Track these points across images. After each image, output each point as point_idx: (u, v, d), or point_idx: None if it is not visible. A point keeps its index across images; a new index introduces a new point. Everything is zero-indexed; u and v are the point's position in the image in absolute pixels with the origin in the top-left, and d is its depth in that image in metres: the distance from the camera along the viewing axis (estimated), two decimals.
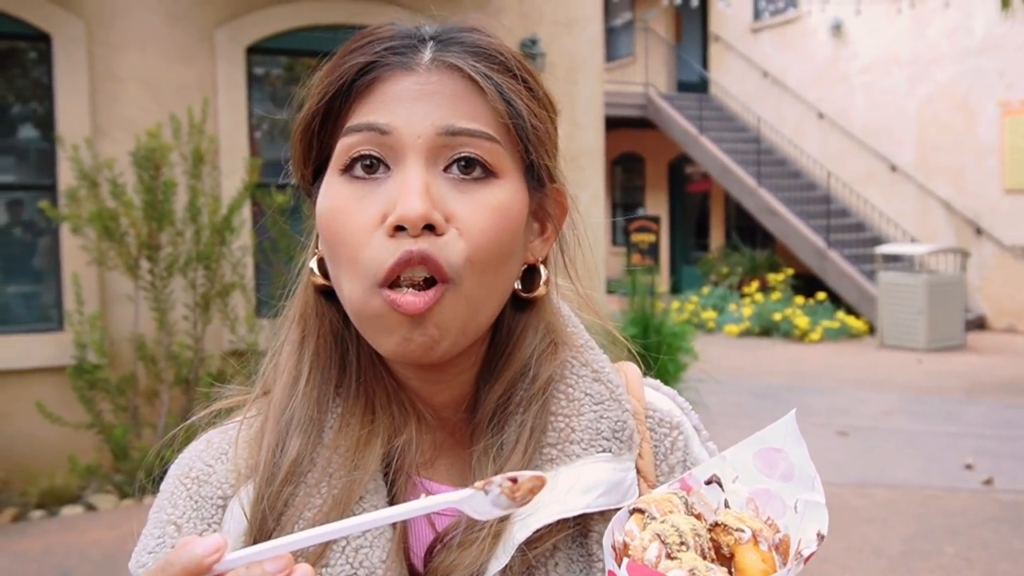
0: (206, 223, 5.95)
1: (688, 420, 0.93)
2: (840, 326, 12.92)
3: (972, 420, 7.97)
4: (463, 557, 0.77)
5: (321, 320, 0.85)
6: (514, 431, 0.82)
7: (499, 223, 0.77)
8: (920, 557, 4.82)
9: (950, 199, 13.69)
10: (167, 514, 0.83)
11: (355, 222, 0.75)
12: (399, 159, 0.76)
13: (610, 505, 0.80)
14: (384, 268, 0.74)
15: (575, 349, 0.88)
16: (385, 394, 0.83)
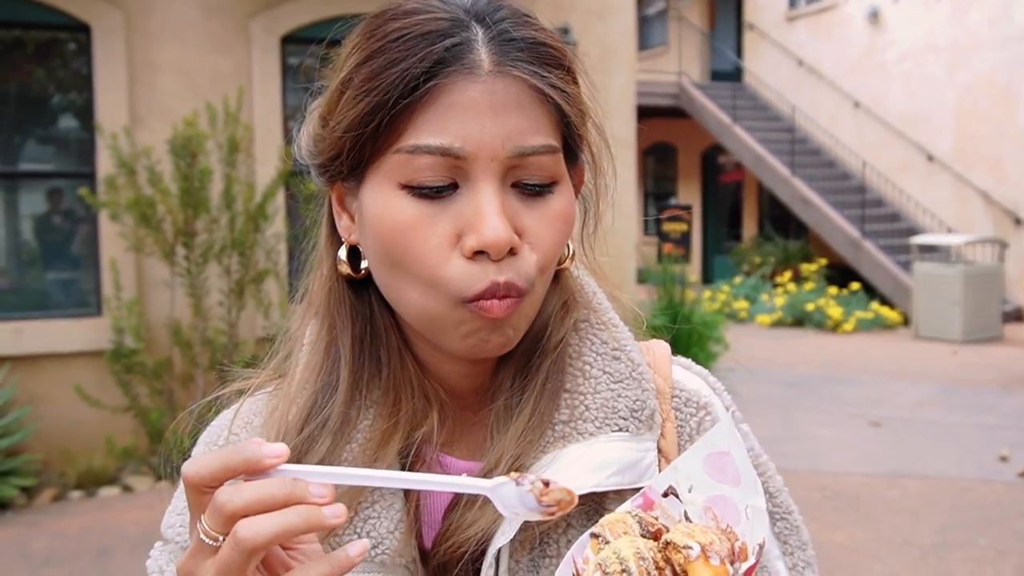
0: (241, 210, 6.02)
1: (719, 401, 0.92)
2: (874, 317, 12.79)
3: (1008, 412, 7.87)
4: (474, 518, 0.79)
5: (351, 315, 0.85)
6: (524, 397, 0.83)
7: (563, 230, 0.79)
8: (952, 548, 4.79)
9: (988, 189, 13.48)
10: None
11: (429, 242, 0.75)
12: (470, 178, 0.74)
13: (624, 485, 0.80)
14: (471, 292, 0.75)
15: (596, 323, 0.88)
16: (410, 387, 0.84)
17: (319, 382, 0.84)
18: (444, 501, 0.83)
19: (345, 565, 0.63)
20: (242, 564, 0.61)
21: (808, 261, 15.24)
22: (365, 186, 0.78)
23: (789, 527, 0.91)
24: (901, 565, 4.58)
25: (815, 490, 5.69)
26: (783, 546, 0.90)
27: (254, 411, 0.89)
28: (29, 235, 6.73)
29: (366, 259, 0.83)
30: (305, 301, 0.91)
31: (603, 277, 0.94)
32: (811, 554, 0.92)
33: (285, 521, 0.61)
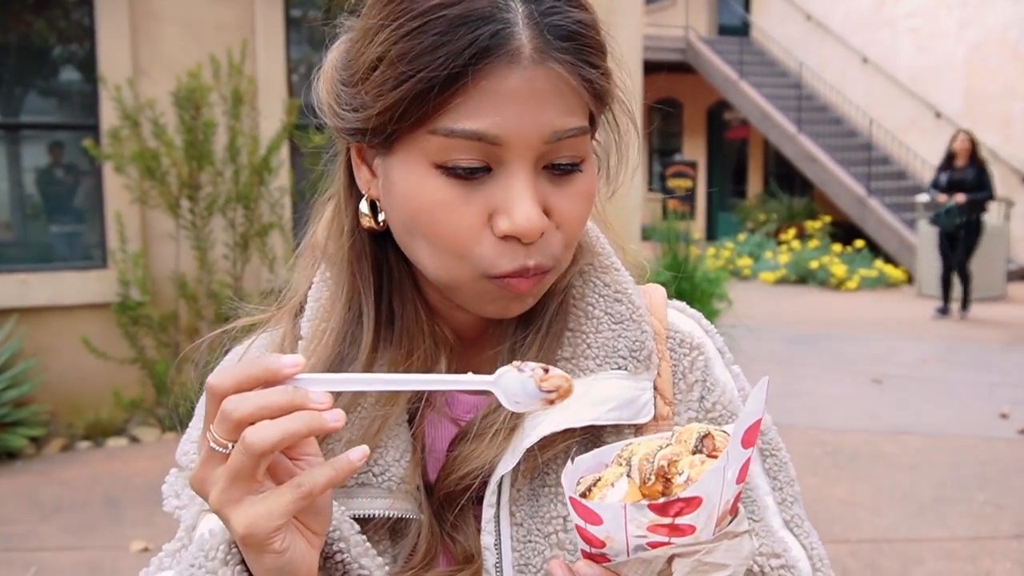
0: (245, 163, 6.00)
1: (711, 342, 0.96)
2: (878, 275, 12.79)
3: (1009, 370, 7.91)
4: (477, 448, 0.82)
5: (373, 267, 0.87)
6: (528, 335, 0.87)
7: (588, 207, 0.82)
8: (950, 503, 4.84)
9: (996, 148, 13.38)
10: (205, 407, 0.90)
11: (461, 221, 0.76)
12: (504, 163, 0.76)
13: (622, 420, 0.84)
14: (499, 271, 0.78)
15: (599, 267, 0.91)
16: (422, 333, 0.87)
17: (342, 335, 0.86)
18: (448, 435, 0.86)
19: (347, 468, 0.67)
20: (251, 468, 0.64)
21: (813, 218, 15.21)
22: (394, 158, 0.79)
23: (778, 463, 0.95)
24: (900, 519, 4.63)
25: (816, 446, 5.74)
26: (772, 481, 0.94)
27: (267, 344, 0.92)
28: (32, 188, 6.72)
29: (384, 215, 0.84)
30: (309, 248, 0.93)
31: (609, 227, 0.97)
32: (798, 490, 0.97)
33: (289, 425, 0.64)
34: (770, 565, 0.89)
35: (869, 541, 4.38)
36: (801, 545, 0.93)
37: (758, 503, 0.92)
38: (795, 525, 0.94)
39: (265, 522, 0.65)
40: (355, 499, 0.81)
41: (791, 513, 0.94)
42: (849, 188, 13.97)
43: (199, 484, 0.68)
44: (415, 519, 0.82)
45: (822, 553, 0.94)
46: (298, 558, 0.68)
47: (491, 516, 0.82)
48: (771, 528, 0.92)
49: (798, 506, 0.95)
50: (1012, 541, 4.39)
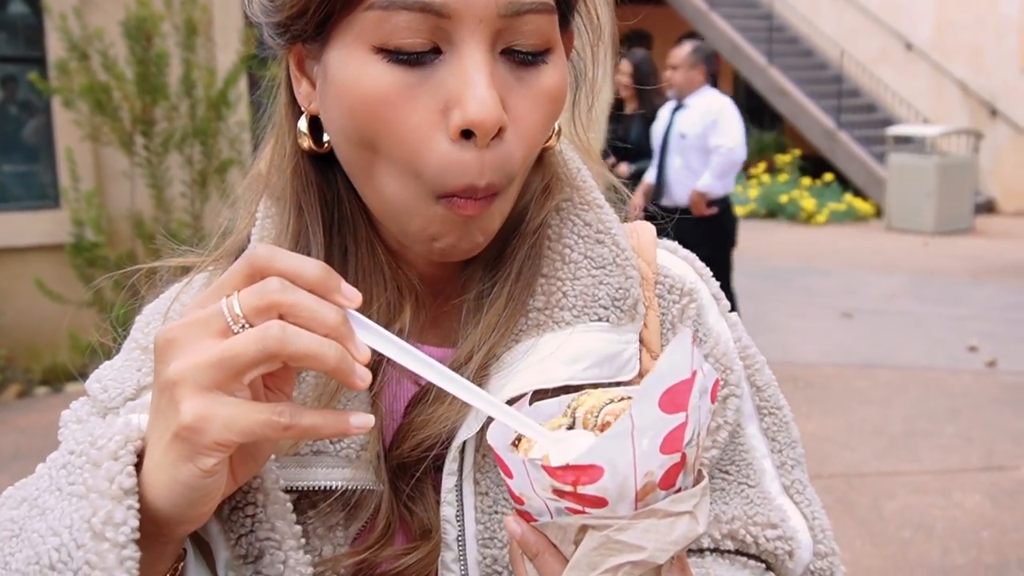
0: (201, 97, 5.79)
1: (706, 287, 0.85)
2: (847, 208, 12.79)
3: (977, 303, 7.95)
4: (436, 412, 0.72)
5: (319, 198, 0.76)
6: (496, 283, 0.76)
7: (552, 112, 0.70)
8: (921, 436, 4.86)
9: (966, 79, 13.33)
10: (135, 341, 0.80)
11: (409, 118, 0.65)
12: (454, 42, 0.65)
13: (602, 379, 0.73)
14: (448, 187, 0.66)
15: (579, 202, 0.80)
16: (382, 278, 0.76)
17: None
18: (406, 395, 0.76)
19: (338, 428, 0.58)
20: (249, 363, 0.55)
21: (782, 152, 15.14)
22: (331, 48, 0.67)
23: (778, 423, 0.85)
24: (871, 453, 4.64)
25: (787, 381, 5.73)
26: (771, 443, 0.85)
27: (206, 284, 0.81)
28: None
29: (328, 133, 0.72)
30: (252, 181, 0.81)
31: (590, 154, 0.85)
32: (801, 452, 0.87)
33: (319, 347, 0.55)
34: (765, 536, 0.80)
35: (840, 475, 4.38)
36: (802, 514, 0.83)
37: (754, 467, 0.83)
38: (796, 491, 0.84)
39: (220, 426, 0.54)
40: (309, 468, 0.71)
41: (791, 478, 0.84)
42: (819, 121, 13.88)
43: (166, 344, 0.57)
44: (372, 491, 0.72)
45: (825, 524, 0.84)
46: (213, 490, 0.58)
47: (452, 485, 0.72)
48: (768, 494, 0.82)
49: (800, 470, 0.86)
50: (981, 473, 4.42)
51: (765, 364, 0.87)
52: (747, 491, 0.82)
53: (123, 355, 0.80)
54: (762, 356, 0.87)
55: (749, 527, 0.80)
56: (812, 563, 0.82)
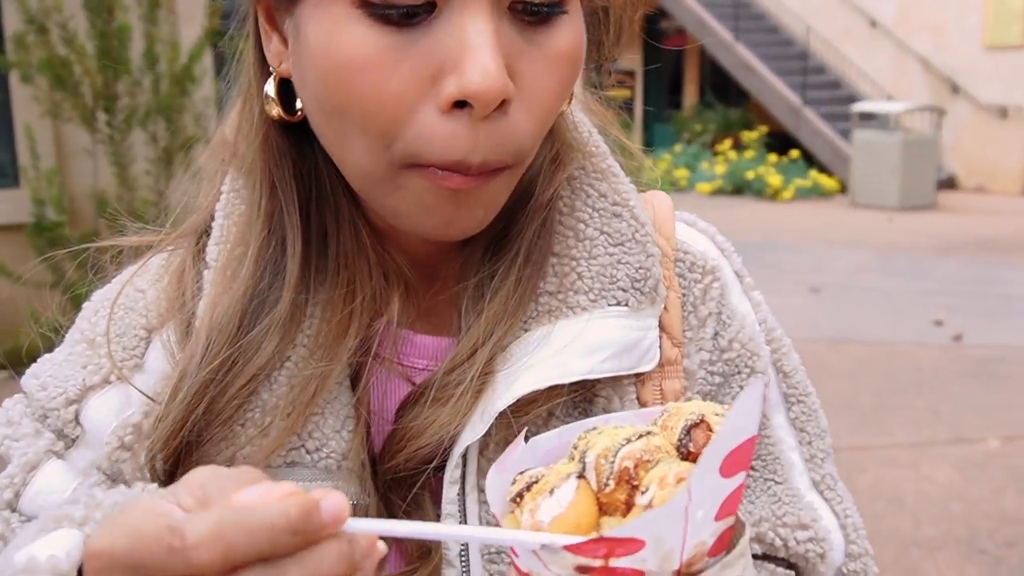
0: (165, 72, 5.65)
1: (728, 264, 0.77)
2: (812, 185, 12.87)
3: (942, 278, 8.03)
4: (435, 414, 0.64)
5: (294, 172, 0.67)
6: (503, 267, 0.67)
7: (569, 77, 0.61)
8: (890, 410, 4.91)
9: (928, 56, 13.44)
10: (81, 332, 0.72)
11: (391, 86, 0.56)
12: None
13: (621, 370, 0.66)
14: (432, 158, 0.57)
15: (592, 171, 0.72)
16: (367, 263, 0.67)
17: (260, 261, 0.66)
18: (397, 397, 0.68)
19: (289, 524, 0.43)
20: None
21: (748, 129, 15.17)
22: (305, 5, 0.59)
23: (807, 412, 0.78)
24: (842, 427, 4.68)
25: None
26: (799, 434, 0.77)
27: (163, 267, 0.73)
28: None
29: (301, 99, 0.64)
30: (215, 152, 0.73)
31: (604, 116, 0.77)
32: (830, 443, 0.80)
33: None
34: (796, 538, 0.73)
35: None
36: (833, 512, 0.76)
37: (782, 460, 0.75)
38: (826, 487, 0.77)
39: None
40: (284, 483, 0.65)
41: (822, 472, 0.77)
42: (784, 98, 13.94)
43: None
44: (357, 505, 0.65)
45: (857, 522, 0.77)
46: None
47: (454, 496, 0.64)
48: (797, 491, 0.75)
49: (830, 463, 0.79)
50: (950, 446, 4.47)
51: (791, 347, 0.79)
52: (774, 488, 0.74)
53: (66, 348, 0.72)
54: (788, 338, 0.80)
55: (778, 529, 0.73)
56: (845, 564, 0.75)
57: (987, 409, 4.92)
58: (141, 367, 0.69)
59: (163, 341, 0.69)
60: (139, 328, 0.70)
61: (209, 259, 0.68)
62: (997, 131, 12.93)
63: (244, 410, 0.64)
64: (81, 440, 0.69)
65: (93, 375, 0.69)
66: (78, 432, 0.69)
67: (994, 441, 4.51)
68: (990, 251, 9.04)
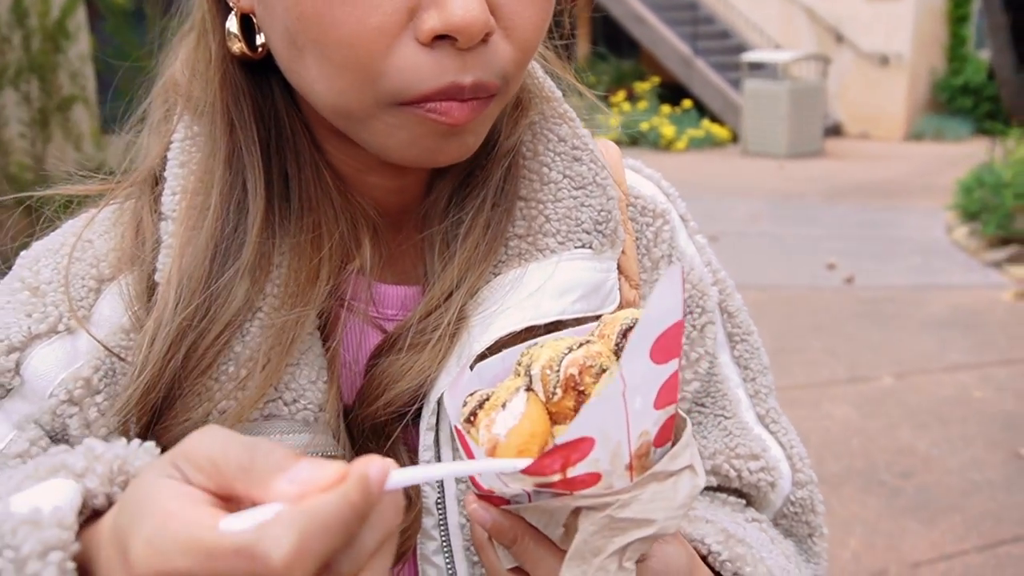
0: (36, 28, 5.33)
1: (674, 208, 0.81)
2: (705, 135, 13.09)
3: (832, 222, 8.30)
4: (410, 361, 0.63)
5: (253, 111, 0.64)
6: (470, 212, 0.67)
7: (546, 6, 0.60)
8: (790, 353, 5.05)
9: (813, 6, 13.75)
10: (22, 280, 0.66)
11: (370, 18, 0.54)
12: None
13: (588, 312, 0.67)
14: (420, 92, 0.56)
15: (551, 115, 0.72)
16: (333, 209, 0.66)
17: (224, 205, 0.63)
18: (367, 346, 0.67)
19: None
20: None
21: (641, 80, 15.30)
22: None
23: (750, 349, 0.82)
24: None
25: None
26: (744, 371, 0.82)
27: (111, 220, 0.69)
28: None
29: (262, 34, 0.61)
30: (162, 95, 0.69)
31: (554, 57, 0.77)
32: (771, 379, 0.84)
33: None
34: (748, 468, 0.77)
35: None
36: (779, 443, 0.81)
37: (729, 396, 0.79)
38: (771, 420, 0.82)
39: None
40: (259, 436, 0.60)
41: (766, 407, 0.82)
42: (676, 48, 14.08)
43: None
44: (330, 455, 0.63)
45: (802, 452, 0.82)
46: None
47: (431, 442, 0.64)
48: (746, 425, 0.79)
49: (773, 398, 0.83)
50: (847, 385, 4.64)
51: (734, 288, 0.83)
52: (724, 423, 0.78)
53: (3, 296, 0.68)
54: (731, 279, 0.83)
55: (732, 460, 0.77)
56: (792, 493, 0.80)
57: (880, 348, 5.12)
58: (88, 318, 0.65)
59: (120, 291, 0.64)
60: (88, 279, 0.66)
61: (165, 209, 0.65)
62: (879, 78, 13.37)
63: (219, 362, 0.61)
64: (17, 391, 0.64)
65: (39, 323, 0.64)
66: (16, 383, 0.64)
67: (888, 378, 4.70)
68: (876, 196, 9.37)
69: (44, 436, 0.63)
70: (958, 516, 3.39)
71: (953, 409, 4.30)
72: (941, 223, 7.91)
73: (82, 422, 0.62)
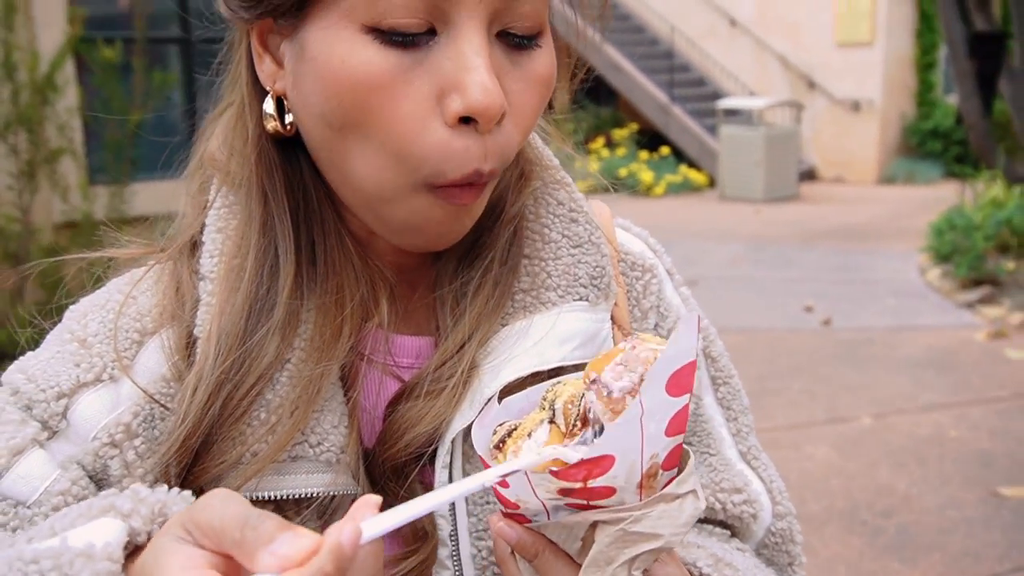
0: (25, 81, 5.39)
1: (661, 263, 0.88)
2: (683, 180, 13.28)
3: (809, 265, 8.44)
4: (428, 407, 0.70)
5: (285, 184, 0.72)
6: (480, 271, 0.75)
7: (544, 96, 0.69)
8: (770, 395, 5.13)
9: (786, 53, 14.06)
10: (71, 332, 0.73)
11: (403, 105, 0.62)
12: (452, 23, 0.62)
13: (586, 358, 0.74)
14: (449, 179, 0.64)
15: (550, 181, 0.80)
16: (354, 272, 0.73)
17: (259, 269, 0.70)
18: (386, 394, 0.74)
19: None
20: None
21: (620, 127, 15.53)
22: (311, 26, 0.63)
23: (731, 392, 0.89)
24: None
25: None
26: (726, 412, 0.88)
27: (153, 278, 0.76)
28: None
29: (292, 113, 0.69)
30: (199, 169, 0.77)
31: (553, 133, 0.86)
32: (751, 419, 0.91)
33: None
34: (732, 501, 0.84)
35: None
36: (760, 478, 0.88)
37: (713, 435, 0.86)
38: (752, 457, 0.89)
39: None
40: (287, 476, 0.68)
41: (747, 444, 0.89)
42: (653, 96, 14.33)
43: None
44: (350, 495, 0.70)
45: (781, 486, 0.89)
46: None
47: (445, 479, 0.71)
48: (729, 461, 0.86)
49: (753, 437, 0.90)
50: (826, 426, 4.71)
51: (717, 335, 0.91)
52: (710, 459, 0.85)
53: (53, 346, 0.74)
54: (713, 327, 0.91)
55: (717, 494, 0.83)
56: (772, 524, 0.87)
57: (858, 389, 5.20)
58: (131, 368, 0.71)
59: (161, 344, 0.71)
60: (132, 332, 0.72)
61: (204, 270, 0.71)
62: (852, 124, 13.65)
63: (252, 409, 0.67)
64: (63, 434, 0.70)
65: (87, 372, 0.71)
66: (63, 426, 0.70)
67: (866, 419, 4.78)
68: (851, 239, 9.54)
69: (85, 476, 0.68)
70: (938, 554, 3.45)
71: (930, 448, 4.38)
72: (915, 265, 8.06)
73: (121, 463, 0.68)
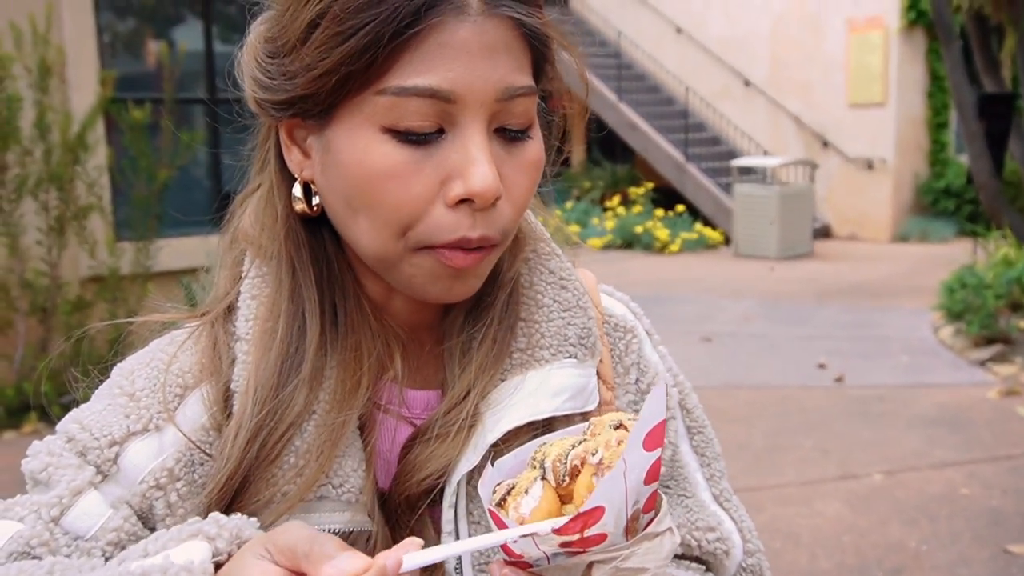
0: (57, 141, 5.58)
1: (640, 324, 0.97)
2: (698, 237, 13.39)
3: (822, 323, 8.48)
4: (437, 450, 0.80)
5: (311, 256, 0.82)
6: (481, 329, 0.84)
7: (536, 178, 0.80)
8: (782, 451, 5.16)
9: (799, 113, 14.24)
10: (120, 387, 0.82)
11: (412, 192, 0.73)
12: (458, 123, 0.73)
13: (575, 409, 0.83)
14: (441, 241, 0.74)
15: (542, 252, 0.90)
16: (371, 332, 0.83)
17: (288, 331, 0.80)
18: (400, 436, 0.83)
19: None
20: None
21: (635, 184, 15.70)
22: (336, 126, 0.75)
23: (705, 440, 0.99)
24: (738, 469, 4.89)
25: None
26: (700, 458, 0.98)
27: (192, 338, 0.85)
28: None
29: (319, 196, 0.80)
30: (233, 243, 0.87)
31: (540, 207, 0.95)
32: (723, 465, 1.01)
33: None
34: (706, 539, 0.92)
35: None
36: (731, 518, 0.96)
37: (689, 480, 0.95)
38: (724, 499, 0.97)
39: None
40: (312, 514, 0.77)
41: (720, 488, 0.98)
42: (668, 154, 14.51)
43: None
44: (364, 532, 0.79)
45: (751, 525, 0.98)
46: None
47: (451, 516, 0.80)
48: (703, 503, 0.95)
49: (725, 480, 0.99)
50: (839, 483, 4.73)
51: (692, 389, 1.00)
52: (686, 501, 0.94)
53: (104, 400, 0.82)
54: (689, 382, 1.01)
55: (693, 532, 0.92)
56: (743, 560, 0.95)
57: (870, 446, 5.22)
58: (175, 418, 0.80)
59: (202, 397, 0.81)
60: (175, 386, 0.82)
61: (240, 332, 0.82)
62: (865, 182, 13.76)
63: (283, 454, 0.77)
64: (113, 477, 0.79)
65: (136, 423, 0.80)
66: (113, 470, 0.79)
67: (878, 476, 4.80)
68: (865, 296, 9.58)
69: (133, 515, 0.78)
70: None
71: (941, 506, 4.39)
72: (928, 323, 8.09)
73: (165, 504, 0.78)
